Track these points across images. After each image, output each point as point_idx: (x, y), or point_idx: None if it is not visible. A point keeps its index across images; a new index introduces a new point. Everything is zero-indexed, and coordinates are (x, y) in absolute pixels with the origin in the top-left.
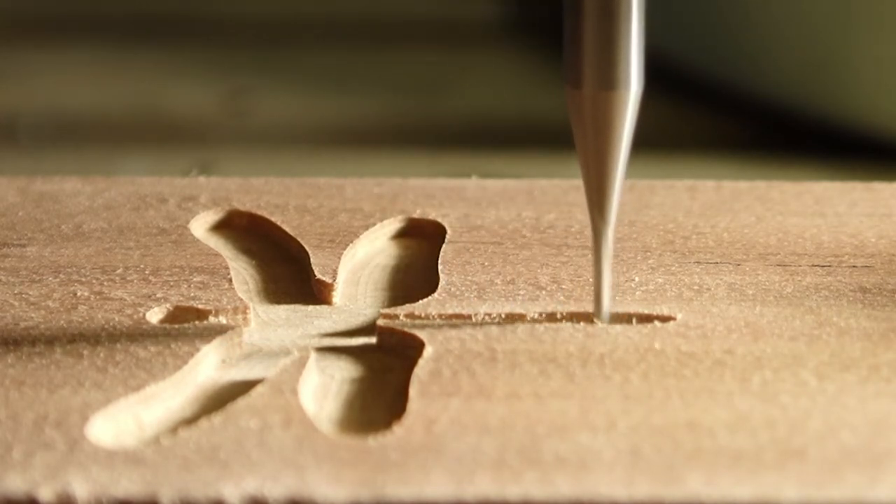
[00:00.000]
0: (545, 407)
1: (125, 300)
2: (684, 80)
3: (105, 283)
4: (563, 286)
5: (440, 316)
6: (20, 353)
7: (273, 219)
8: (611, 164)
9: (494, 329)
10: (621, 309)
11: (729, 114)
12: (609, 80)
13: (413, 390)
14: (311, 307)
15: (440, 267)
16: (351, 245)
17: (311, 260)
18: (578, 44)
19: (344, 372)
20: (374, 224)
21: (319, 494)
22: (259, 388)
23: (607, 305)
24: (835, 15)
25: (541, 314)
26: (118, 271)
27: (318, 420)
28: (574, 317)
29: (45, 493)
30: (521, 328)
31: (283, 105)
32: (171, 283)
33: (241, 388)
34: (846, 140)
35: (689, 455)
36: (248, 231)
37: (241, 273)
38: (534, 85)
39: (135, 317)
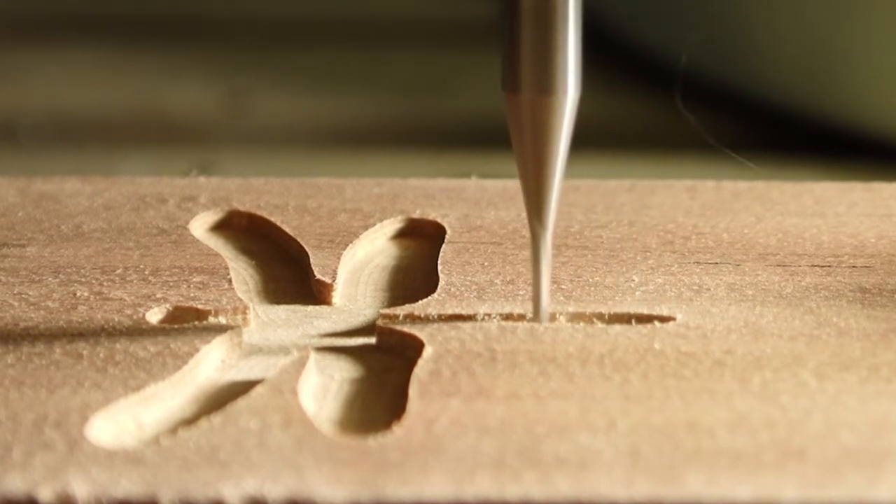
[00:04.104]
0: (545, 407)
1: (125, 300)
2: (685, 80)
3: (105, 284)
4: (563, 286)
5: (440, 316)
6: (20, 353)
7: (273, 219)
8: (549, 168)
9: (494, 329)
10: (621, 309)
11: (729, 114)
12: (546, 85)
13: (413, 390)
14: (310, 307)
15: (440, 267)
16: (351, 245)
17: (311, 260)
18: (516, 49)
19: (344, 372)
20: (373, 224)
21: (319, 494)
22: (259, 389)
23: (545, 307)
24: (834, 15)
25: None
26: (118, 271)
27: (317, 420)
28: (575, 317)
29: (45, 493)
30: (520, 328)
31: (283, 105)
32: (171, 284)
33: (241, 389)
34: (846, 140)
35: (689, 455)
36: (248, 231)
37: (241, 273)
38: None
39: (134, 317)
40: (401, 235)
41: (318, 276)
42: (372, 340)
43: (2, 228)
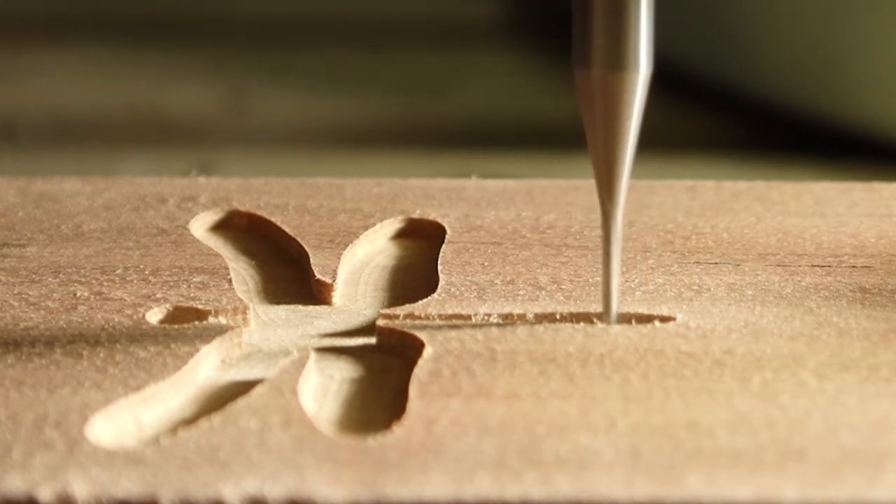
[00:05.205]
0: (545, 407)
1: (125, 300)
2: (684, 80)
3: (105, 284)
4: (563, 286)
5: (440, 316)
6: (20, 353)
7: (273, 219)
8: (620, 145)
9: (494, 329)
10: (621, 309)
11: (729, 114)
12: (618, 61)
13: (413, 390)
14: (310, 307)
15: (440, 267)
16: (351, 245)
17: (311, 260)
18: (588, 25)
19: (344, 372)
20: (373, 224)
21: (319, 494)
22: (259, 389)
23: (616, 290)
24: (834, 15)
25: (538, 315)
26: (118, 271)
27: (317, 420)
28: (574, 317)
29: (45, 493)
30: (520, 328)
31: (283, 105)
32: (171, 284)
33: (241, 389)
34: (846, 140)
35: (689, 455)
36: (248, 231)
37: (241, 273)
38: (533, 85)
39: (134, 317)
40: (401, 235)
41: (318, 276)
42: (372, 340)
43: (2, 228)
